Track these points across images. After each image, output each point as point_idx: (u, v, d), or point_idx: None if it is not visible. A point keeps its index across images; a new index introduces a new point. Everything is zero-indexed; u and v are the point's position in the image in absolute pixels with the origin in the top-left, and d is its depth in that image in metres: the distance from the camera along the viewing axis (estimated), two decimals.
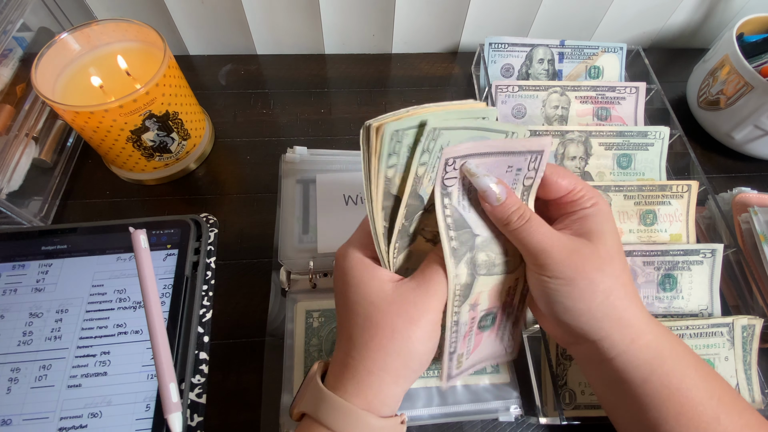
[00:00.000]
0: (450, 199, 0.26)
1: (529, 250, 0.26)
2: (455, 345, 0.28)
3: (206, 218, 0.43)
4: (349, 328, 0.26)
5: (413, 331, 0.24)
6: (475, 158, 0.25)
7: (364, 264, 0.26)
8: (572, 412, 0.35)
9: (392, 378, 0.25)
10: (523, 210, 0.26)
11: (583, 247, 0.25)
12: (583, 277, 0.25)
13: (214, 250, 0.42)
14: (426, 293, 0.25)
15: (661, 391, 0.25)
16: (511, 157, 0.26)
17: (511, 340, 0.32)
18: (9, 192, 0.40)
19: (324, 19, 0.54)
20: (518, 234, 0.26)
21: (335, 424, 0.23)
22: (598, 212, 0.27)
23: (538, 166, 0.26)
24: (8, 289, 0.37)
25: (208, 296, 0.40)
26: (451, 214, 0.26)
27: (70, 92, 0.40)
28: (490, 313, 0.29)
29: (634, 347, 0.25)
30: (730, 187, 0.47)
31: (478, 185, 0.25)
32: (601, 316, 0.25)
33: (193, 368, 0.36)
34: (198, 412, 0.35)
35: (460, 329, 0.28)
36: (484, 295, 0.28)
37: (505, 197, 0.25)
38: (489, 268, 0.28)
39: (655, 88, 0.51)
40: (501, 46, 0.52)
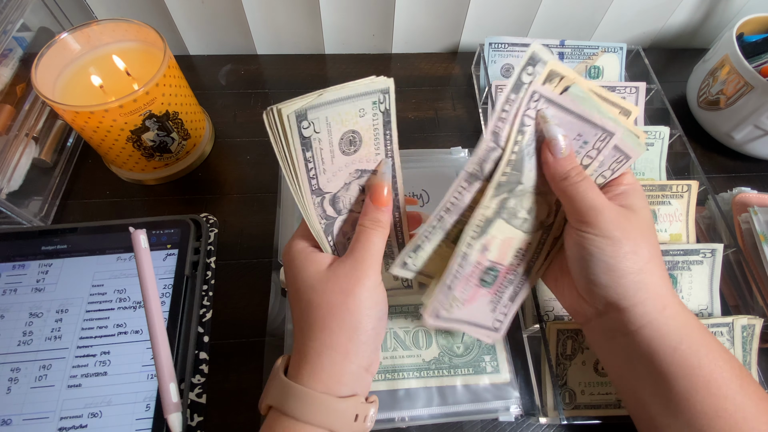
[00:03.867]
0: (523, 137, 0.26)
1: (582, 206, 0.26)
2: (454, 281, 0.28)
3: (206, 218, 0.43)
4: (298, 316, 0.27)
5: (350, 302, 0.25)
6: (555, 109, 0.26)
7: (304, 253, 0.27)
8: (572, 412, 0.35)
9: (341, 355, 0.25)
10: (580, 168, 0.27)
11: (630, 214, 0.27)
12: (630, 239, 0.26)
13: (214, 250, 0.42)
14: (355, 262, 0.26)
15: (691, 359, 0.25)
16: (584, 126, 0.27)
17: (503, 315, 0.32)
18: (9, 192, 0.40)
19: (324, 19, 0.54)
20: (574, 189, 0.26)
21: (296, 410, 0.24)
22: (637, 189, 0.29)
23: (602, 148, 0.27)
24: (8, 289, 0.37)
25: (208, 296, 0.40)
26: (518, 152, 0.26)
27: (70, 92, 0.40)
28: (494, 268, 0.30)
29: (665, 315, 0.26)
30: (730, 187, 0.47)
31: (549, 132, 0.26)
32: (639, 280, 0.26)
33: (193, 368, 0.36)
34: (198, 412, 0.35)
35: (465, 267, 0.28)
36: (496, 242, 0.29)
37: (569, 151, 0.26)
38: (510, 217, 0.28)
39: (655, 88, 0.51)
40: (501, 46, 0.52)
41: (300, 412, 0.24)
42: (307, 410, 0.24)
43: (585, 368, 0.36)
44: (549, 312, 0.38)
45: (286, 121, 0.23)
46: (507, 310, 0.32)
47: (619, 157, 0.28)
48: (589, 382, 0.35)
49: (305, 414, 0.24)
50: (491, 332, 0.32)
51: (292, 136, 0.23)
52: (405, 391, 0.35)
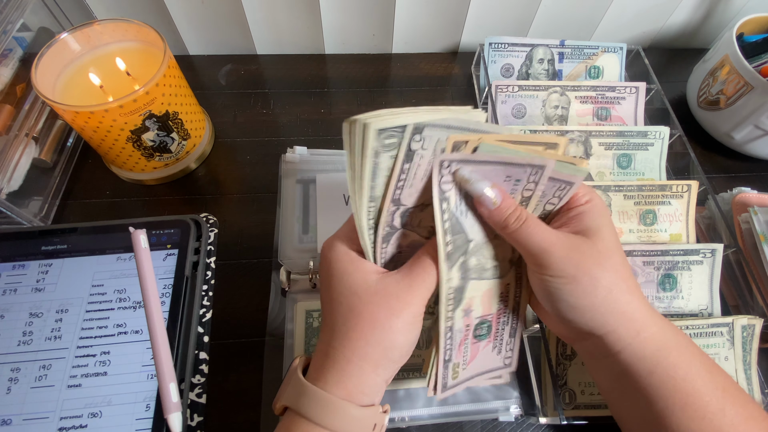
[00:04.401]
0: (448, 204, 0.26)
1: (529, 250, 0.26)
2: (450, 353, 0.28)
3: (206, 218, 0.43)
4: (332, 318, 0.26)
5: (394, 322, 0.25)
6: (471, 165, 0.25)
7: (349, 256, 0.27)
8: (572, 412, 0.35)
9: (372, 367, 0.25)
10: (519, 212, 0.26)
11: (581, 244, 0.25)
12: (585, 273, 0.25)
13: (214, 250, 0.42)
14: (409, 286, 0.25)
15: (667, 383, 0.25)
16: (509, 168, 0.26)
17: (509, 351, 0.32)
18: (9, 192, 0.40)
19: (324, 19, 0.54)
20: (517, 235, 0.26)
21: (315, 414, 0.24)
22: (592, 208, 0.27)
23: (538, 180, 0.26)
24: (8, 289, 0.37)
25: (208, 296, 0.40)
26: (449, 218, 0.26)
27: (70, 92, 0.40)
28: (484, 321, 0.29)
29: (639, 339, 0.25)
30: (730, 187, 0.47)
31: (473, 191, 0.26)
32: (605, 311, 0.25)
33: (193, 368, 0.36)
34: (198, 412, 0.35)
35: (455, 336, 0.28)
36: (476, 301, 0.28)
37: (501, 201, 0.26)
38: (480, 273, 0.28)
39: (655, 88, 0.51)
40: (501, 46, 0.52)
41: (320, 417, 0.23)
42: (329, 416, 0.23)
43: (585, 368, 0.36)
44: None
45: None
46: (512, 346, 0.32)
47: (560, 185, 0.27)
48: (589, 382, 0.35)
49: (326, 419, 0.23)
50: (504, 369, 0.32)
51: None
52: (405, 391, 0.35)
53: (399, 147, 0.23)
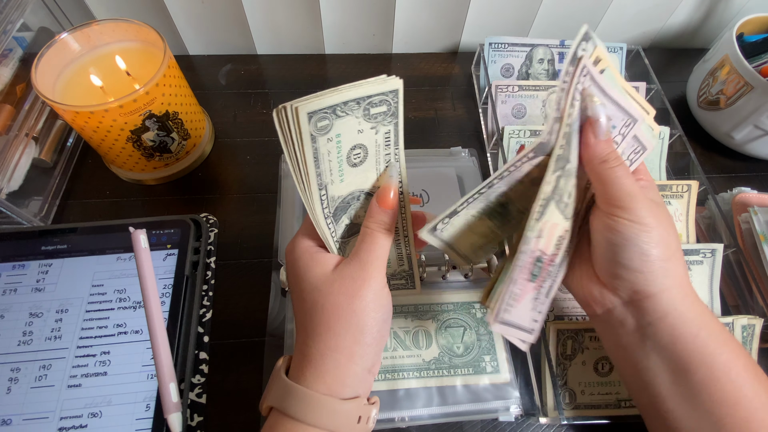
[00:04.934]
0: (573, 111, 0.26)
1: (618, 191, 0.26)
2: (518, 273, 0.26)
3: (206, 218, 0.43)
4: (302, 317, 0.26)
5: (356, 304, 0.25)
6: (596, 89, 0.26)
7: (309, 253, 0.27)
8: (572, 412, 0.35)
9: (346, 357, 0.25)
10: (618, 153, 0.27)
11: (660, 204, 0.28)
12: (662, 228, 0.26)
13: (214, 250, 0.42)
14: (360, 263, 0.26)
15: (711, 347, 0.26)
16: (615, 109, 0.26)
17: (539, 313, 0.30)
18: (9, 192, 0.40)
19: (324, 19, 0.54)
20: (612, 173, 0.26)
21: (298, 412, 0.24)
22: (654, 186, 0.29)
23: (627, 134, 0.27)
24: (8, 289, 0.37)
25: (208, 296, 0.40)
26: (570, 124, 0.26)
27: (70, 92, 0.40)
28: (540, 258, 0.28)
29: (686, 303, 0.26)
30: (730, 187, 0.47)
31: (594, 112, 0.26)
32: (667, 268, 0.26)
33: (193, 368, 0.36)
34: (198, 412, 0.35)
35: (525, 256, 0.26)
36: (547, 228, 0.27)
37: (609, 135, 0.26)
38: (559, 199, 0.27)
39: (655, 88, 0.51)
40: (501, 46, 0.52)
41: (303, 414, 0.24)
42: (310, 412, 0.24)
43: (585, 368, 0.36)
44: (549, 312, 0.38)
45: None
46: (543, 308, 0.30)
47: (636, 147, 0.28)
48: (589, 382, 0.35)
49: (308, 416, 0.24)
50: (527, 334, 0.29)
51: (303, 134, 0.23)
52: (405, 391, 0.35)
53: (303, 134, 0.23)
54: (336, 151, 0.25)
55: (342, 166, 0.26)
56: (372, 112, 0.25)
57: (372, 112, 0.25)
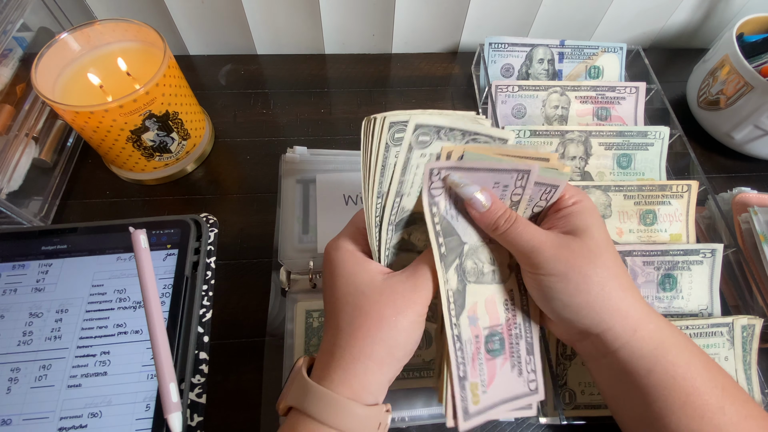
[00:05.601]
0: (438, 208, 0.26)
1: (520, 250, 0.26)
2: (464, 368, 0.26)
3: (206, 218, 0.43)
4: (337, 318, 0.26)
5: (400, 320, 0.25)
6: (460, 171, 0.26)
7: (355, 257, 0.27)
8: (572, 412, 0.35)
9: (377, 366, 0.25)
10: (509, 214, 0.27)
11: (571, 242, 0.26)
12: (576, 271, 0.25)
13: (214, 250, 0.42)
14: (414, 286, 0.26)
15: (666, 381, 0.25)
16: (497, 174, 0.26)
17: (531, 372, 0.29)
18: (9, 192, 0.40)
19: (324, 19, 0.54)
20: (507, 236, 0.26)
21: (321, 414, 0.24)
22: (581, 209, 0.27)
23: (525, 185, 0.27)
24: (8, 289, 0.37)
25: (208, 296, 0.40)
26: (439, 221, 0.26)
27: (70, 92, 0.40)
28: (495, 333, 0.28)
29: (637, 338, 0.25)
30: (730, 187, 0.47)
31: (463, 194, 0.26)
32: (599, 309, 0.25)
33: (193, 368, 0.36)
34: (198, 412, 0.35)
35: (465, 347, 0.27)
36: (480, 307, 0.28)
37: (491, 203, 0.26)
38: (477, 276, 0.28)
39: (655, 88, 0.51)
40: (501, 46, 0.52)
41: (326, 416, 0.23)
42: (334, 415, 0.23)
43: (585, 368, 0.36)
44: None
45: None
46: (533, 366, 0.29)
47: (546, 188, 0.27)
48: (589, 382, 0.35)
49: (332, 418, 0.23)
50: (532, 395, 0.29)
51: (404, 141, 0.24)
52: (405, 391, 0.35)
53: (402, 142, 0.24)
54: (422, 169, 0.26)
55: (421, 185, 0.26)
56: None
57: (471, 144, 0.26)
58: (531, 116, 0.49)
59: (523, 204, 0.28)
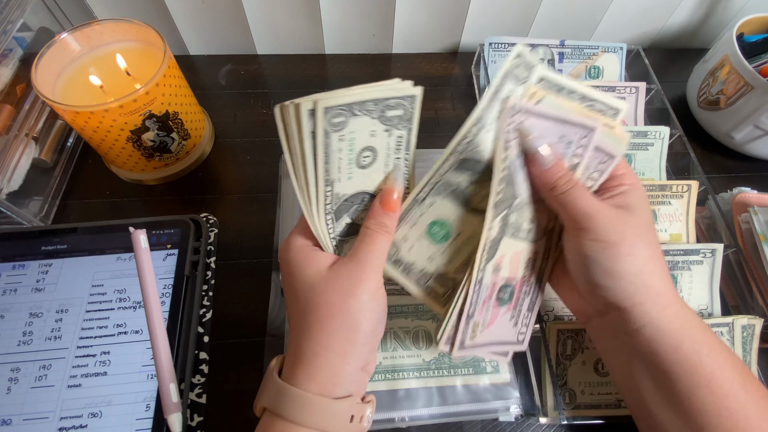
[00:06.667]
0: (509, 152, 0.27)
1: (575, 213, 0.26)
2: (474, 308, 0.28)
3: (206, 218, 0.43)
4: (295, 316, 0.26)
5: (350, 303, 0.25)
6: (533, 117, 0.26)
7: (303, 251, 0.27)
8: (572, 412, 0.35)
9: (339, 356, 0.25)
10: (569, 176, 0.27)
11: (625, 215, 0.27)
12: (626, 242, 0.26)
13: (214, 250, 0.42)
14: (358, 263, 0.26)
15: (692, 359, 0.25)
16: (565, 127, 0.27)
17: (524, 326, 0.32)
18: (9, 192, 0.40)
19: (324, 19, 0.54)
20: (564, 198, 0.27)
21: (290, 412, 0.24)
22: (637, 188, 0.28)
23: (587, 144, 0.27)
24: (8, 289, 0.37)
25: (208, 296, 0.40)
26: (506, 168, 0.27)
27: (70, 92, 0.40)
28: (509, 284, 0.29)
29: (666, 315, 0.26)
30: (730, 187, 0.47)
31: (531, 146, 0.27)
32: (638, 281, 0.26)
33: (193, 368, 0.36)
34: (198, 412, 0.35)
35: (482, 292, 0.28)
36: (506, 260, 0.28)
37: (554, 162, 0.27)
38: (515, 231, 0.28)
39: (655, 88, 0.51)
40: (501, 46, 0.52)
41: (294, 415, 0.24)
42: (302, 412, 0.24)
43: (585, 368, 0.36)
44: (549, 312, 0.38)
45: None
46: (528, 321, 0.31)
47: (602, 158, 0.28)
48: (589, 382, 0.35)
49: (300, 416, 0.24)
50: (516, 345, 0.31)
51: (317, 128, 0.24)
52: (405, 391, 0.35)
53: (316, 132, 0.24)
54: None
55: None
56: (387, 115, 0.26)
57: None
58: None
59: (581, 169, 0.28)
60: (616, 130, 0.28)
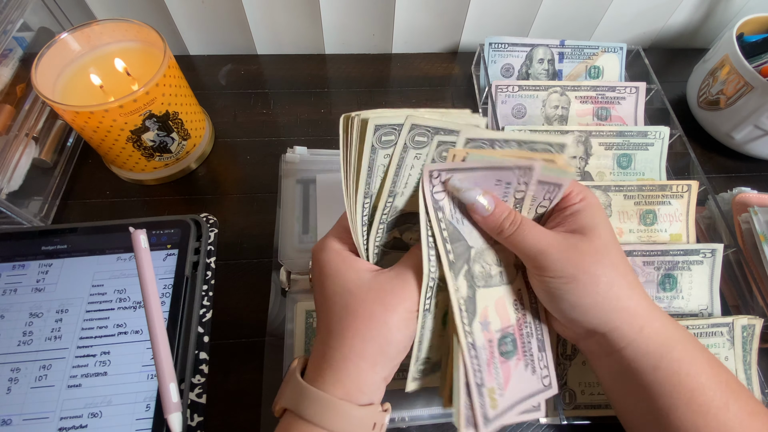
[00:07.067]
0: (443, 213, 0.26)
1: (527, 253, 0.26)
2: (480, 375, 0.26)
3: (206, 218, 0.43)
4: (327, 318, 0.26)
5: (390, 317, 0.25)
6: (460, 173, 0.26)
7: (341, 255, 0.27)
8: (572, 412, 0.35)
9: (369, 365, 0.25)
10: (513, 216, 0.26)
11: (578, 242, 0.25)
12: (584, 272, 0.25)
13: (214, 250, 0.42)
14: (403, 282, 0.25)
15: (671, 378, 0.25)
16: (498, 172, 0.26)
17: (544, 368, 0.29)
18: (9, 192, 0.40)
19: (324, 19, 0.54)
20: (513, 240, 0.26)
21: (313, 415, 0.23)
22: (587, 206, 0.27)
23: (529, 181, 0.26)
24: (8, 289, 0.37)
25: (208, 296, 0.40)
26: (446, 227, 0.26)
27: (70, 92, 0.40)
28: (506, 335, 0.28)
29: (643, 335, 0.26)
30: (730, 187, 0.47)
31: (465, 199, 0.26)
32: (607, 309, 0.25)
33: (193, 368, 0.36)
34: (198, 412, 0.35)
35: (480, 354, 0.26)
36: (491, 311, 0.28)
37: (494, 207, 0.26)
38: (486, 280, 0.28)
39: (655, 88, 0.51)
40: (501, 46, 0.52)
41: (319, 418, 0.23)
42: (327, 416, 0.23)
43: (585, 368, 0.36)
44: None
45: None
46: (545, 361, 0.30)
47: (549, 187, 0.27)
48: (589, 382, 0.35)
49: (324, 420, 0.23)
50: (545, 391, 0.29)
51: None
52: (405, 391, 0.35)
53: (395, 144, 0.24)
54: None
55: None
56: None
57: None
58: (531, 116, 0.49)
59: (527, 203, 0.27)
60: (558, 163, 0.26)
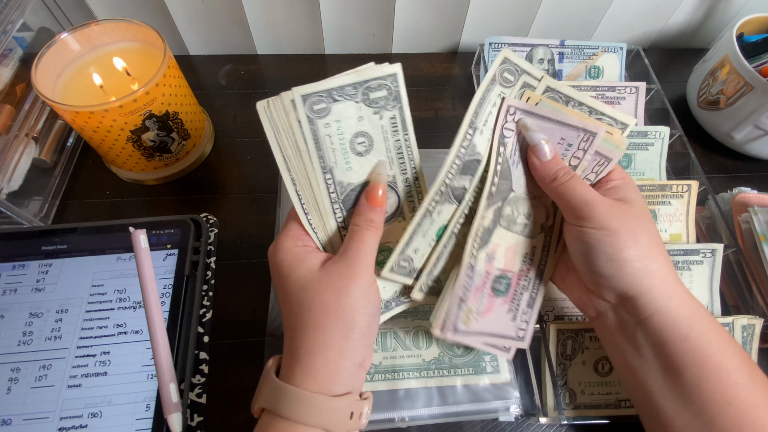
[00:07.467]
0: (505, 149, 0.28)
1: (575, 202, 0.27)
2: (466, 292, 0.28)
3: (206, 218, 0.43)
4: (289, 317, 0.26)
5: (344, 301, 0.25)
6: (533, 118, 0.27)
7: (293, 253, 0.27)
8: (572, 412, 0.35)
9: (335, 354, 0.25)
10: (568, 168, 0.28)
11: (624, 205, 0.27)
12: (626, 229, 0.26)
13: (214, 250, 0.42)
14: (349, 261, 0.26)
15: (702, 348, 0.25)
16: (565, 129, 0.28)
17: (524, 322, 0.31)
18: (9, 192, 0.40)
19: (324, 19, 0.54)
20: (564, 188, 0.27)
21: (289, 411, 0.24)
22: (628, 183, 0.29)
23: (587, 148, 0.28)
24: (8, 289, 0.37)
25: (208, 296, 0.40)
26: (502, 162, 0.28)
27: (70, 92, 0.40)
28: (504, 276, 0.30)
29: (674, 303, 0.26)
30: (730, 187, 0.47)
31: (531, 139, 0.28)
32: (642, 267, 0.26)
33: (193, 368, 0.36)
34: (198, 412, 0.35)
35: (474, 277, 0.28)
36: (500, 250, 0.29)
37: (553, 155, 0.28)
38: (509, 224, 0.29)
39: (655, 88, 0.51)
40: (501, 46, 0.52)
41: (294, 413, 0.24)
42: (302, 411, 0.24)
43: (585, 368, 0.36)
44: (549, 312, 0.38)
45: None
46: (528, 317, 0.31)
47: (600, 160, 0.29)
48: (589, 382, 0.35)
49: (300, 415, 0.24)
50: (516, 341, 0.31)
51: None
52: (405, 391, 0.35)
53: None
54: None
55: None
56: (372, 97, 0.26)
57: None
58: None
59: (579, 171, 0.29)
60: (615, 136, 0.28)
